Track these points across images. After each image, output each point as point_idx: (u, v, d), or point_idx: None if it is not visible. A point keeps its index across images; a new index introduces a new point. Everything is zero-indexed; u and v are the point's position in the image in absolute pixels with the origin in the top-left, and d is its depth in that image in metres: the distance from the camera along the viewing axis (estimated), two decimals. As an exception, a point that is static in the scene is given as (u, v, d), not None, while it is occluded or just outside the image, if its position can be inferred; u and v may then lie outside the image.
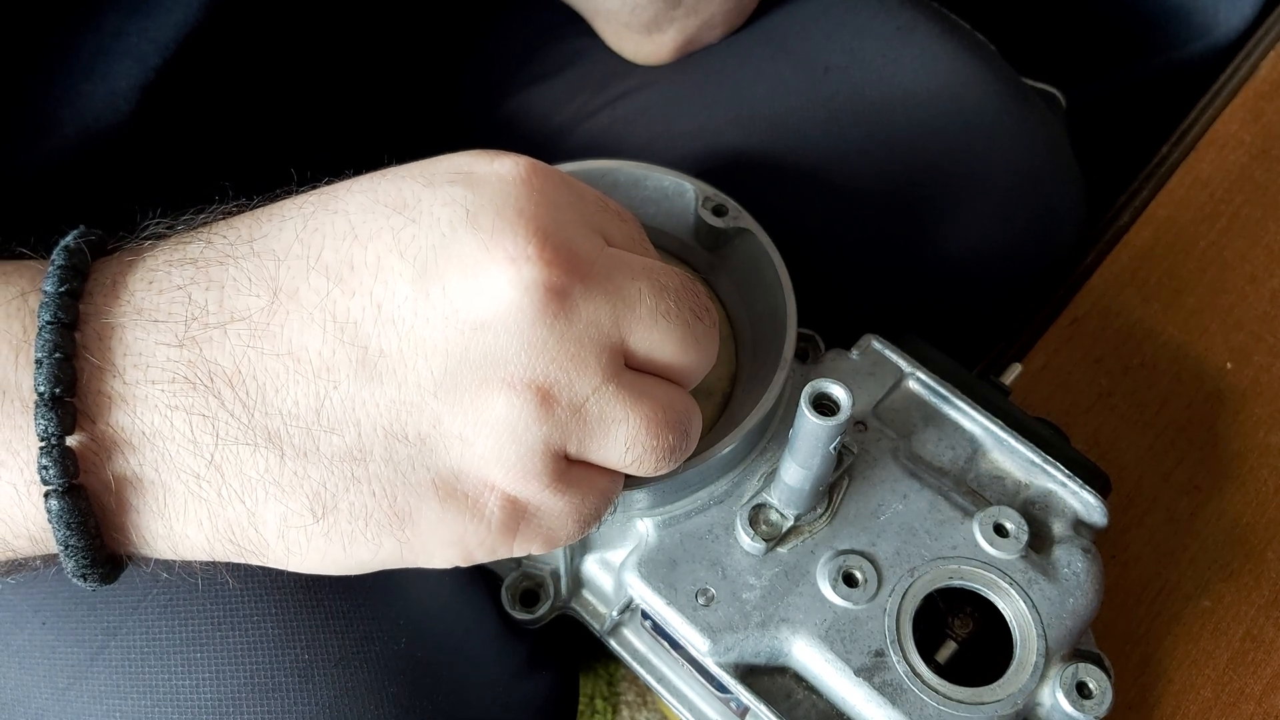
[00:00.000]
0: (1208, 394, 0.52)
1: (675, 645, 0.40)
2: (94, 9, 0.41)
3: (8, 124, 0.41)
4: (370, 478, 0.26)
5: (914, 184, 0.51)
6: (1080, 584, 0.37)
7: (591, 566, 0.41)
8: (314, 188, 0.29)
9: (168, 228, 0.29)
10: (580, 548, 0.40)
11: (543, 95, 0.58)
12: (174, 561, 0.29)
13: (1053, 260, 0.56)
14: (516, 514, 0.28)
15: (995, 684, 0.35)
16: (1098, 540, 0.39)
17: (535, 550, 0.29)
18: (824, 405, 0.32)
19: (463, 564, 0.29)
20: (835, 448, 0.33)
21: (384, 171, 0.29)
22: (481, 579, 0.43)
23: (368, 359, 0.26)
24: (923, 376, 0.41)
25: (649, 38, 0.53)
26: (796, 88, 0.53)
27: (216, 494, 0.26)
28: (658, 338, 0.29)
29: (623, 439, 0.28)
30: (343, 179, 0.29)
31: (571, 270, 0.27)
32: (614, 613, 0.41)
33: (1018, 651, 0.36)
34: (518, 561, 0.42)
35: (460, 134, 0.60)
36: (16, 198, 0.42)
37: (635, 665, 0.42)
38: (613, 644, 0.42)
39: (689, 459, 0.36)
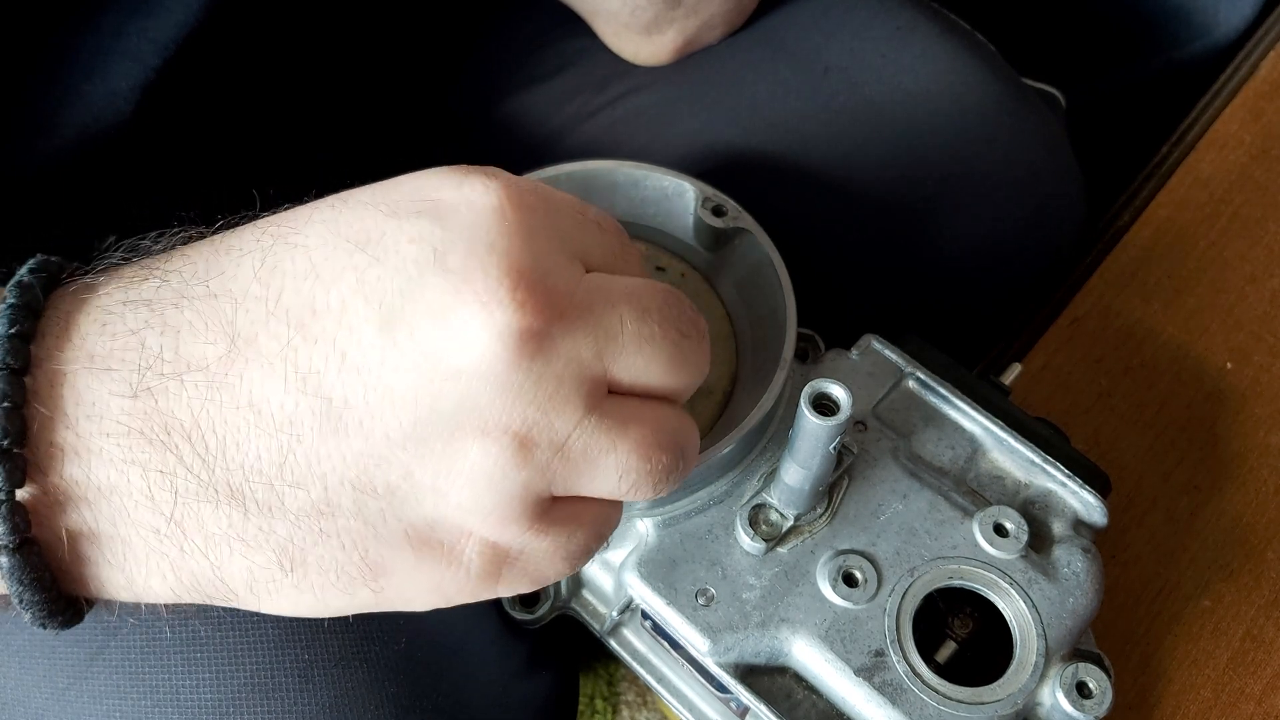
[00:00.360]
0: (1208, 394, 0.52)
1: (675, 645, 0.40)
2: (94, 9, 0.41)
3: (8, 124, 0.41)
4: (339, 531, 0.25)
5: (914, 184, 0.51)
6: (1080, 584, 0.37)
7: (591, 567, 0.41)
8: (274, 212, 0.28)
9: (123, 257, 0.28)
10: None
11: (542, 95, 0.58)
12: (139, 606, 0.28)
13: (1053, 260, 0.56)
14: (498, 560, 0.27)
15: (995, 684, 0.35)
16: (1098, 540, 0.39)
17: (523, 590, 0.28)
18: (824, 405, 0.32)
19: (445, 605, 0.28)
20: (835, 448, 0.33)
21: (346, 196, 0.27)
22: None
23: (332, 411, 0.24)
24: (922, 376, 0.41)
25: (649, 38, 0.53)
26: (796, 88, 0.53)
27: (179, 549, 0.26)
28: (643, 363, 0.28)
29: (613, 468, 0.27)
30: (339, 190, 0.28)
31: (548, 309, 0.25)
32: (614, 613, 0.41)
33: (1018, 651, 0.36)
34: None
35: (460, 134, 0.60)
36: (16, 197, 0.42)
37: (635, 665, 0.42)
38: (613, 644, 0.42)
39: None
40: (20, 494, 0.25)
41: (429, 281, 0.24)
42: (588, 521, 0.28)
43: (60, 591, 0.26)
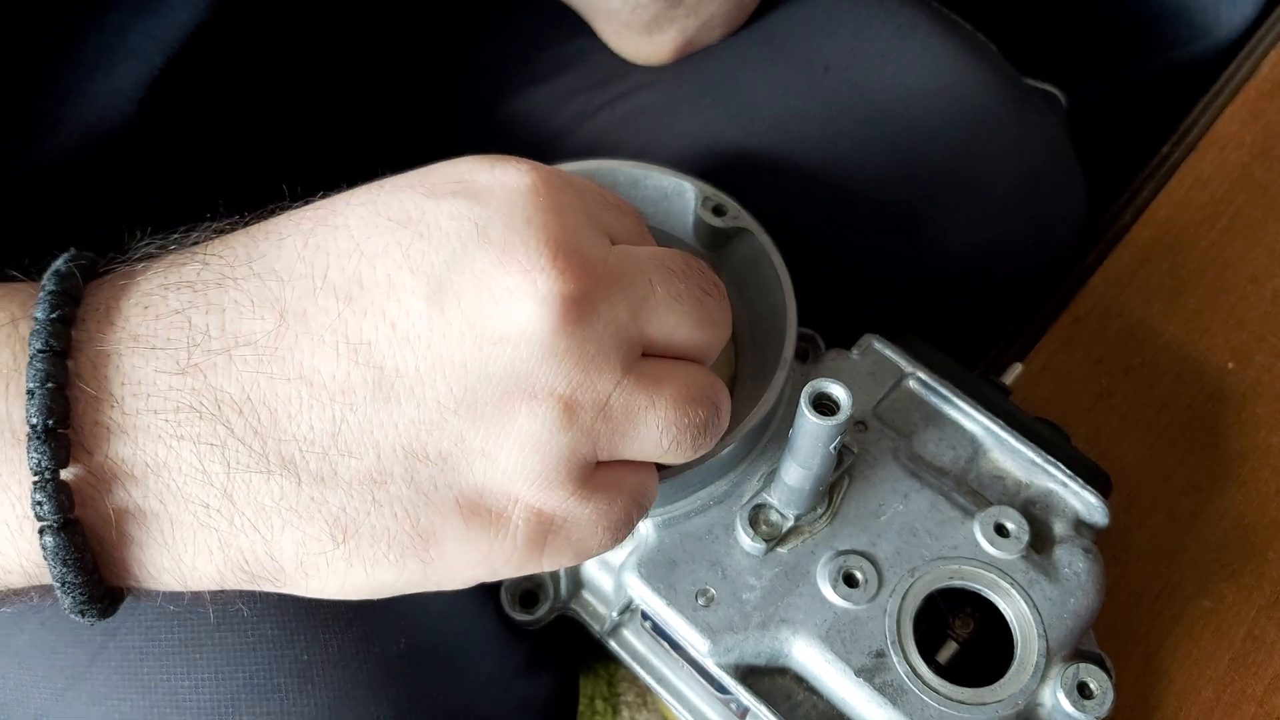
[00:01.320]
0: (1209, 394, 0.52)
1: (675, 646, 0.40)
2: (98, 8, 0.41)
3: (11, 123, 0.41)
4: (392, 499, 0.26)
5: (914, 184, 0.51)
6: (1081, 584, 0.37)
7: (591, 567, 0.41)
8: (308, 202, 0.29)
9: (159, 248, 0.28)
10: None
11: (543, 95, 0.58)
12: (183, 594, 0.28)
13: (1053, 260, 0.56)
14: (543, 528, 0.27)
15: (996, 684, 0.35)
16: (1099, 540, 0.39)
17: (566, 563, 0.29)
18: (824, 405, 0.32)
19: (489, 580, 0.28)
20: (835, 448, 0.33)
21: (381, 183, 0.28)
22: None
23: (384, 379, 0.25)
24: (923, 376, 0.41)
25: (649, 38, 0.53)
26: (797, 88, 0.53)
27: (229, 523, 0.26)
28: (674, 321, 0.29)
29: (654, 423, 0.28)
30: (339, 189, 0.29)
31: (585, 275, 0.26)
32: (614, 614, 0.41)
33: (1019, 652, 0.35)
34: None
35: (460, 133, 0.60)
36: (21, 196, 0.42)
37: (635, 666, 0.42)
38: (613, 645, 0.42)
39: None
40: (65, 474, 0.25)
41: (473, 253, 0.25)
42: (628, 489, 0.29)
43: (101, 576, 0.26)
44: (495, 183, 0.27)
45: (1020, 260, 0.54)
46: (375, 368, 0.25)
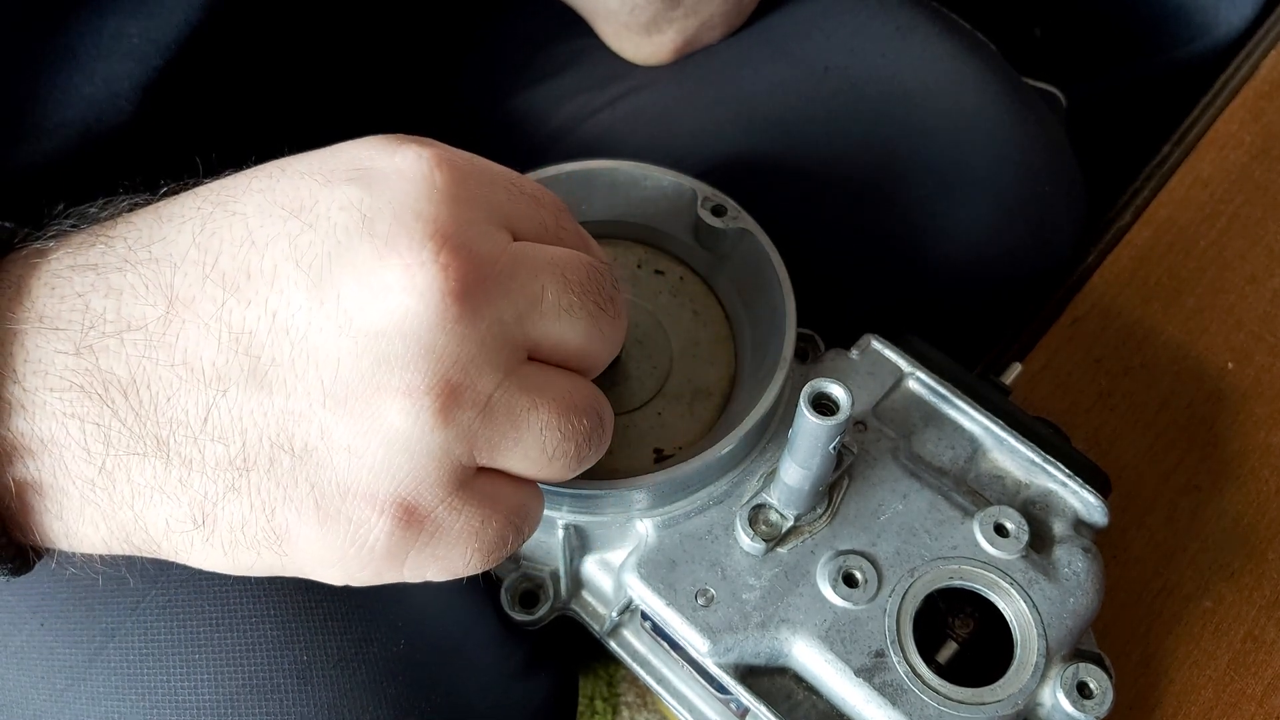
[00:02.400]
0: (1208, 394, 0.52)
1: (675, 646, 0.40)
2: (95, 11, 0.41)
3: (9, 124, 0.41)
4: (251, 488, 0.26)
5: (914, 184, 0.51)
6: (1081, 584, 0.37)
7: (591, 567, 0.41)
8: (217, 177, 0.29)
9: (73, 225, 0.29)
10: (580, 548, 0.40)
11: (543, 95, 0.58)
12: (74, 555, 0.29)
13: (1053, 260, 0.56)
14: (406, 538, 0.27)
15: (996, 684, 0.35)
16: (1098, 540, 0.39)
17: (432, 578, 0.28)
18: (823, 405, 0.32)
19: (350, 583, 0.28)
20: (835, 447, 0.33)
21: (284, 163, 0.28)
22: (480, 580, 0.43)
23: (259, 368, 0.25)
24: (923, 376, 0.41)
25: (648, 38, 0.53)
26: (797, 88, 0.53)
27: (109, 498, 0.26)
28: (561, 330, 0.28)
29: (537, 427, 0.27)
30: (246, 169, 0.29)
31: (470, 272, 0.26)
32: (614, 614, 0.40)
33: (1018, 652, 0.35)
34: (517, 562, 0.42)
35: (460, 132, 0.60)
36: (18, 198, 0.42)
37: (635, 666, 0.42)
38: (612, 645, 0.42)
39: (689, 460, 0.36)
40: None
41: (356, 246, 0.25)
42: (506, 507, 0.28)
43: (11, 539, 0.27)
44: (393, 170, 0.27)
45: (1020, 260, 0.54)
46: (253, 356, 0.25)
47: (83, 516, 0.27)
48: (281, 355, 0.25)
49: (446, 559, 0.28)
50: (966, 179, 0.52)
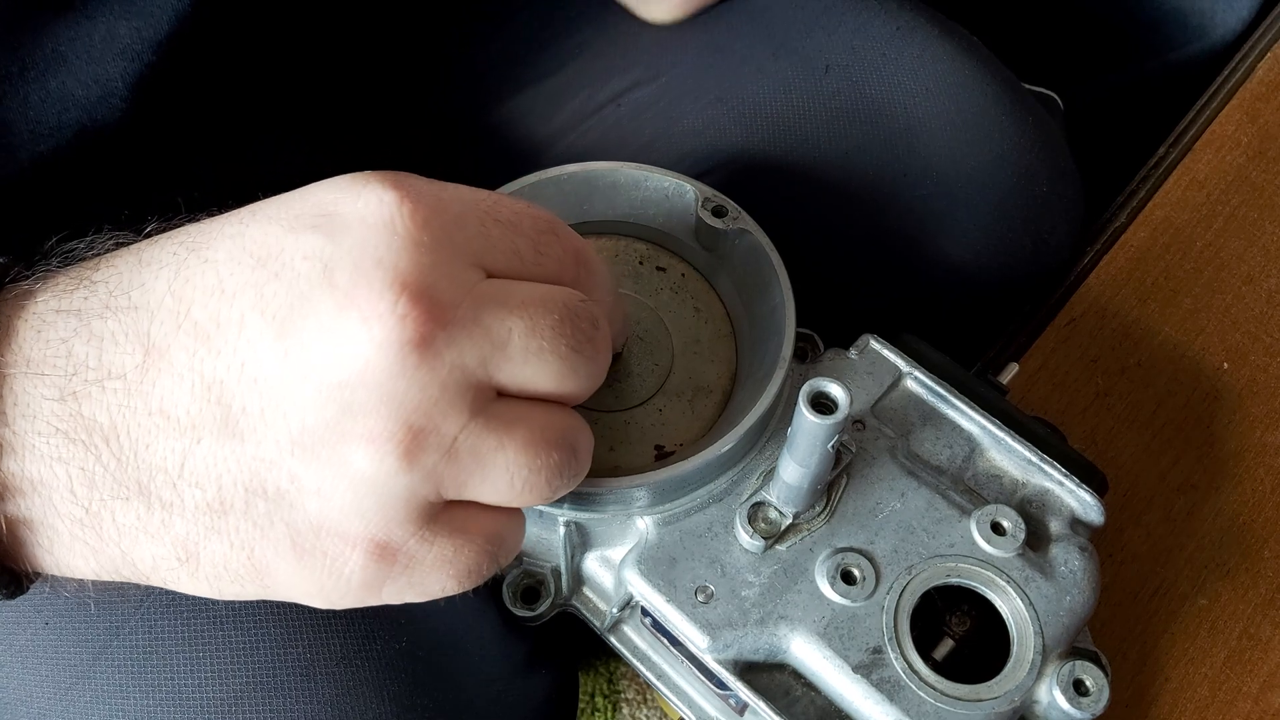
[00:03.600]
0: (1204, 393, 0.52)
1: (675, 642, 0.40)
2: (84, 14, 0.41)
3: (2, 134, 0.41)
4: (229, 529, 0.27)
5: (913, 184, 0.52)
6: (1077, 582, 0.37)
7: (592, 564, 0.41)
8: (196, 219, 0.30)
9: (60, 263, 0.30)
10: (581, 545, 0.40)
11: (543, 92, 0.58)
12: (67, 580, 0.30)
13: (1050, 261, 0.56)
14: (381, 569, 0.28)
15: (992, 681, 0.35)
16: (1095, 539, 0.40)
17: (413, 599, 0.29)
18: (822, 404, 0.32)
19: (329, 608, 0.30)
20: (833, 446, 0.34)
21: (255, 209, 0.29)
22: (482, 577, 0.44)
23: (230, 417, 0.26)
24: (921, 376, 0.41)
25: None
26: (799, 87, 0.53)
27: (96, 536, 0.28)
28: (529, 373, 0.28)
29: (504, 466, 0.28)
30: (224, 211, 0.30)
31: (430, 321, 0.26)
32: (614, 610, 0.41)
33: (1015, 649, 0.36)
34: (519, 559, 0.42)
35: (460, 130, 0.60)
36: (16, 202, 0.43)
37: (635, 662, 0.42)
38: (613, 641, 0.42)
39: (689, 458, 0.37)
40: None
41: (318, 298, 0.26)
42: (478, 533, 0.29)
43: (3, 565, 0.29)
44: (355, 216, 0.27)
45: (1017, 261, 0.54)
46: (224, 405, 0.26)
47: (73, 551, 0.28)
48: (251, 404, 0.26)
49: (421, 585, 0.29)
50: (965, 181, 0.52)
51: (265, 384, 0.26)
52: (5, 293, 0.29)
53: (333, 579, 0.28)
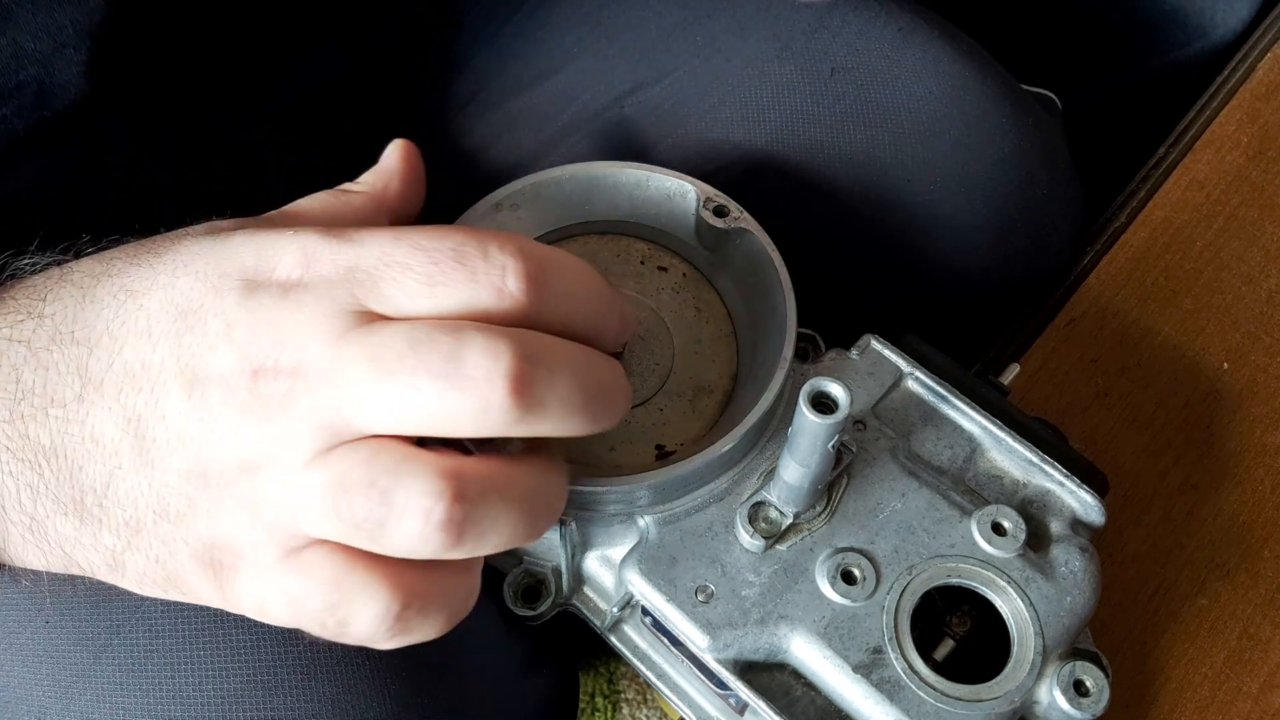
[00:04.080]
0: (1204, 393, 0.53)
1: (675, 642, 0.40)
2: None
3: None
4: (144, 545, 0.31)
5: (916, 187, 0.52)
6: (1078, 583, 0.37)
7: (592, 563, 0.41)
8: (129, 244, 0.32)
9: (10, 275, 0.33)
10: (581, 545, 0.40)
11: (547, 90, 0.58)
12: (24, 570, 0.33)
13: (1051, 262, 0.56)
14: (262, 591, 0.31)
15: (993, 682, 0.35)
16: (1094, 539, 0.40)
17: (286, 624, 0.31)
18: (823, 404, 0.32)
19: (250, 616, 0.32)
20: (834, 446, 0.34)
21: (190, 259, 0.31)
22: (482, 577, 0.44)
23: (144, 447, 0.30)
24: (922, 376, 0.41)
25: None
26: (804, 89, 0.53)
27: (44, 541, 0.31)
28: (375, 411, 0.29)
29: (316, 508, 0.29)
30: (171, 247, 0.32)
31: (294, 375, 0.29)
32: (614, 609, 0.41)
33: (1015, 649, 0.36)
34: (519, 558, 0.42)
35: (464, 127, 0.60)
36: None
37: (635, 662, 0.42)
38: (613, 640, 0.42)
39: (690, 457, 0.37)
40: None
41: (221, 353, 0.30)
42: (320, 579, 0.30)
43: None
44: (269, 282, 0.30)
45: (1019, 262, 0.54)
46: (140, 436, 0.30)
47: (25, 551, 0.32)
48: (160, 437, 0.30)
49: (280, 612, 0.31)
50: (968, 183, 0.52)
51: (172, 421, 0.30)
52: None
53: (226, 590, 0.31)
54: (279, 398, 0.29)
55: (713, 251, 0.44)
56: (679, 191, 0.44)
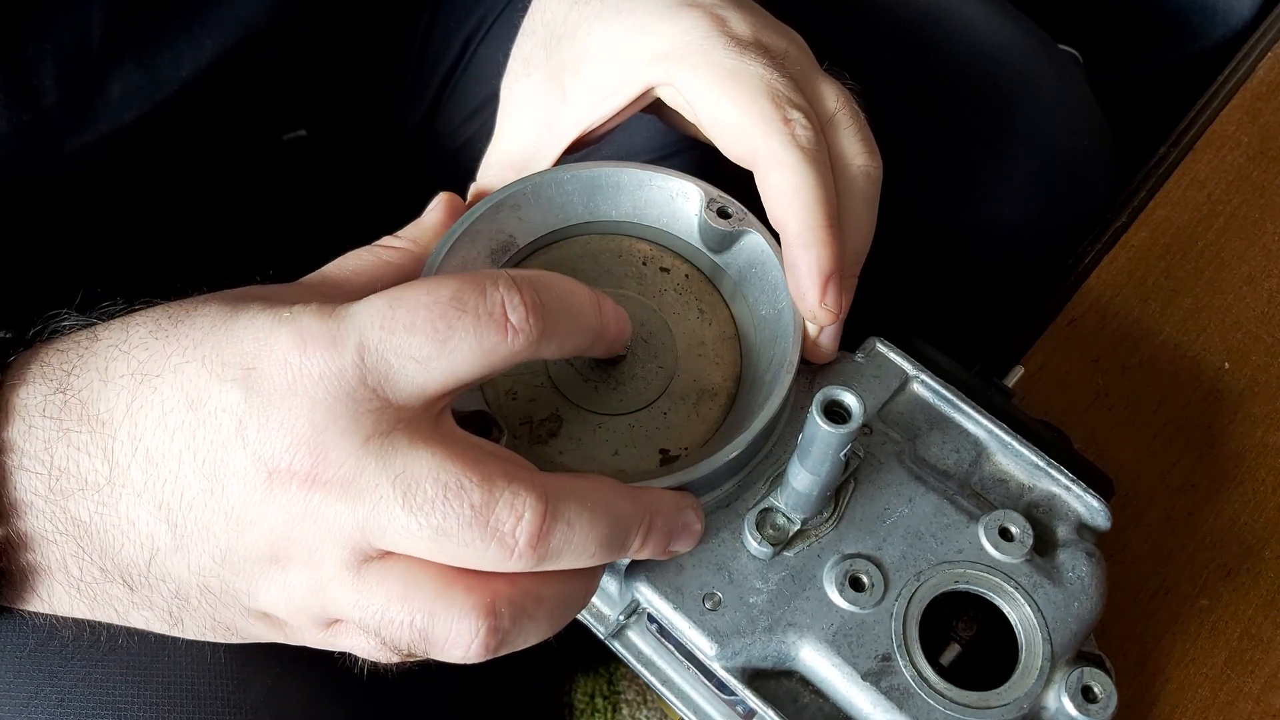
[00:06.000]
0: (1205, 393, 0.53)
1: (681, 649, 0.40)
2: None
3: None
4: (194, 609, 0.32)
5: (958, 144, 0.53)
6: (1084, 588, 0.37)
7: (598, 571, 0.41)
8: (166, 312, 0.33)
9: (45, 337, 0.34)
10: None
11: None
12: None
13: (1088, 211, 0.58)
14: (318, 641, 0.34)
15: (1001, 688, 0.35)
16: (1097, 541, 0.40)
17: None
18: (835, 413, 0.32)
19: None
20: (845, 454, 0.33)
21: (197, 344, 0.32)
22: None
23: (177, 533, 0.31)
24: (927, 380, 0.41)
25: None
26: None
27: (92, 600, 0.32)
28: (404, 542, 0.30)
29: (354, 632, 0.32)
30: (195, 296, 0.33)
31: (313, 482, 0.30)
32: (619, 616, 0.41)
33: (1023, 656, 0.36)
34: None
35: (469, 124, 0.60)
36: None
37: (640, 669, 0.42)
38: (617, 647, 0.42)
39: (695, 464, 0.36)
40: None
41: (233, 450, 0.30)
42: (347, 633, 0.33)
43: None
44: (270, 374, 0.30)
45: (1060, 212, 0.57)
46: (171, 524, 0.31)
47: (70, 606, 0.33)
48: (190, 526, 0.31)
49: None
50: (1011, 137, 0.53)
51: (199, 511, 0.31)
52: (6, 375, 0.32)
53: (286, 634, 0.33)
54: (298, 502, 0.30)
55: (716, 252, 0.44)
56: (682, 192, 0.43)
